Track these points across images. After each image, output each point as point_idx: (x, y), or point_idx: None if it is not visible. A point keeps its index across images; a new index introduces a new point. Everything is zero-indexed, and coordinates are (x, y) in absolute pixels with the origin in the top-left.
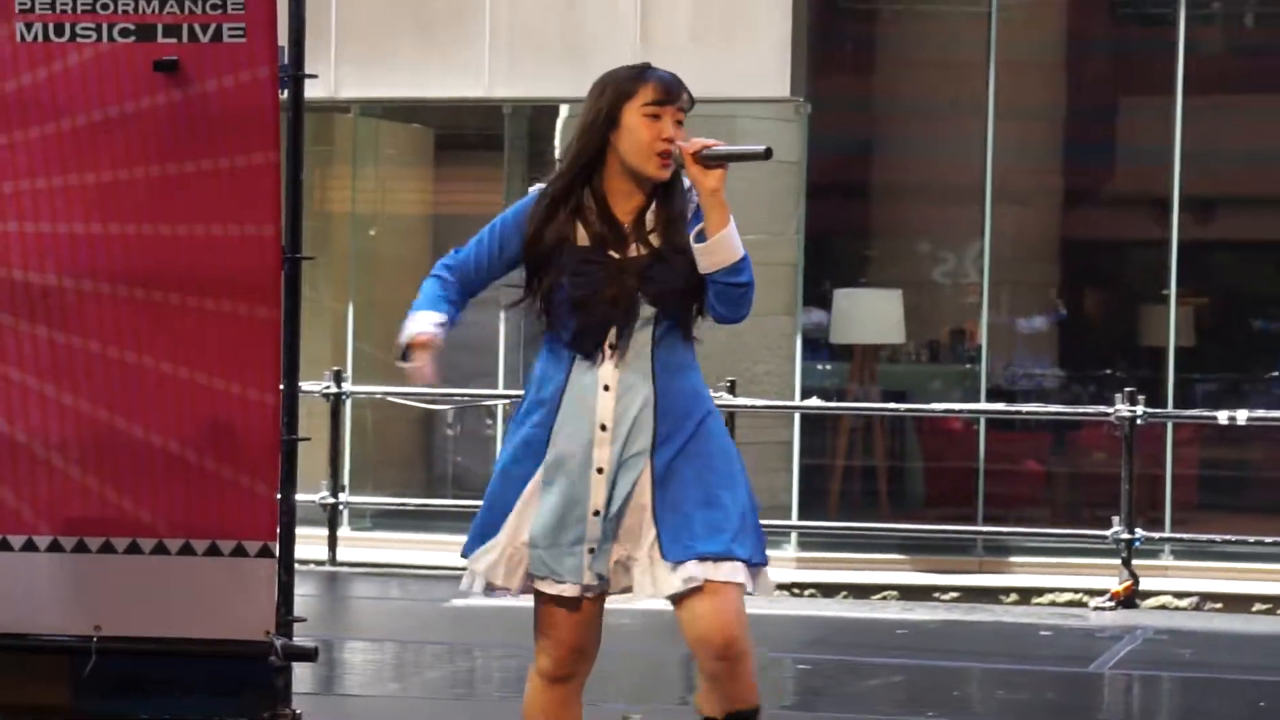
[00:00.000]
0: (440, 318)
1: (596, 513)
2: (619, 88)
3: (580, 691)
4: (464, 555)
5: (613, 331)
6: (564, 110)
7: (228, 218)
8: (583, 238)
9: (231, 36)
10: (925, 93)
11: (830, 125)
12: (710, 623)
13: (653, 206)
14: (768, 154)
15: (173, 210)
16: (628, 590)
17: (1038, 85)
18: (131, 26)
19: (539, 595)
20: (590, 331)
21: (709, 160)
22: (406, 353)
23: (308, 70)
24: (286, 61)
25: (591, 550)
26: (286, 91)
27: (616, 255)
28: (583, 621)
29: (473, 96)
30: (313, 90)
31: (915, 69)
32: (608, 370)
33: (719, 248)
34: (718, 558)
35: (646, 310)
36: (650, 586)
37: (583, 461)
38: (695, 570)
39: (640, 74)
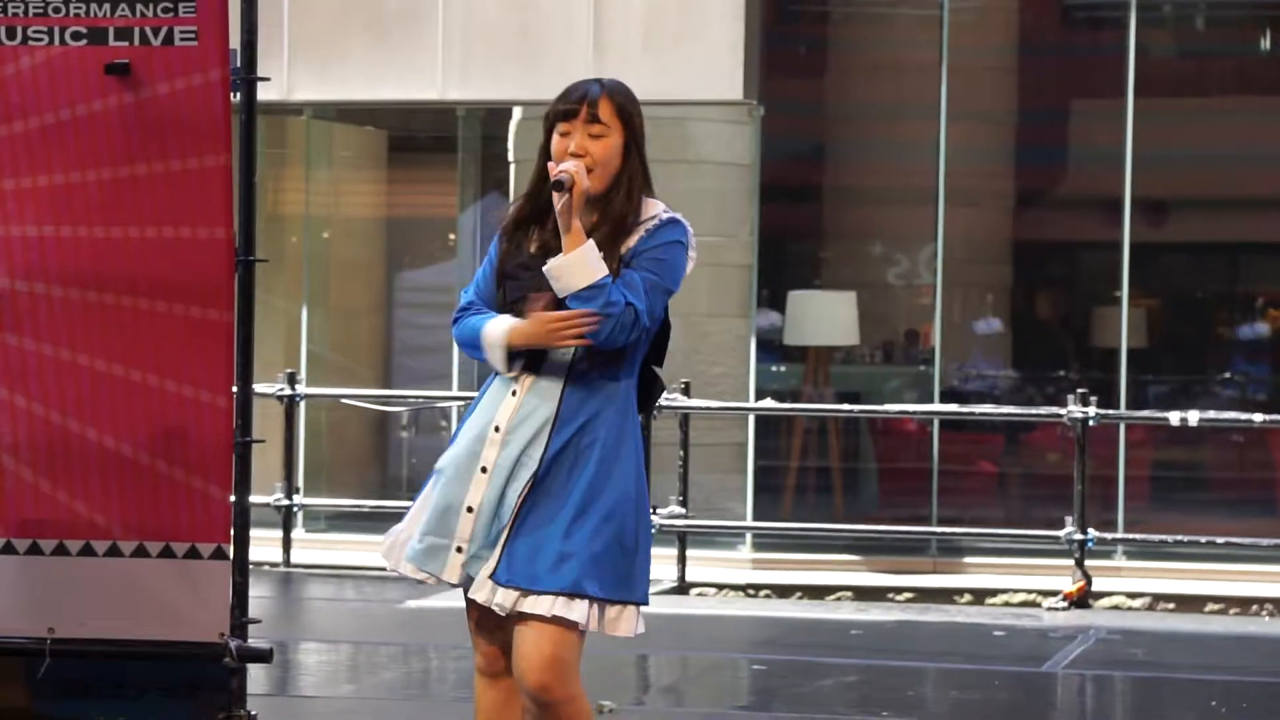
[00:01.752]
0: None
1: (470, 509)
2: (550, 109)
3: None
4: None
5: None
6: (517, 112)
7: (179, 220)
8: (531, 248)
9: (183, 40)
10: (877, 95)
11: (783, 128)
12: (522, 662)
13: (599, 224)
14: (556, 185)
15: (124, 213)
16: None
17: (989, 88)
18: (83, 30)
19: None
20: None
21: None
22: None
23: (260, 73)
24: (239, 64)
25: (460, 549)
26: (239, 94)
27: (542, 261)
28: (506, 621)
29: (426, 99)
30: (265, 93)
31: (867, 72)
32: (522, 377)
33: (560, 273)
34: (534, 591)
35: None
36: (483, 593)
37: (470, 459)
38: (503, 598)
39: (562, 93)
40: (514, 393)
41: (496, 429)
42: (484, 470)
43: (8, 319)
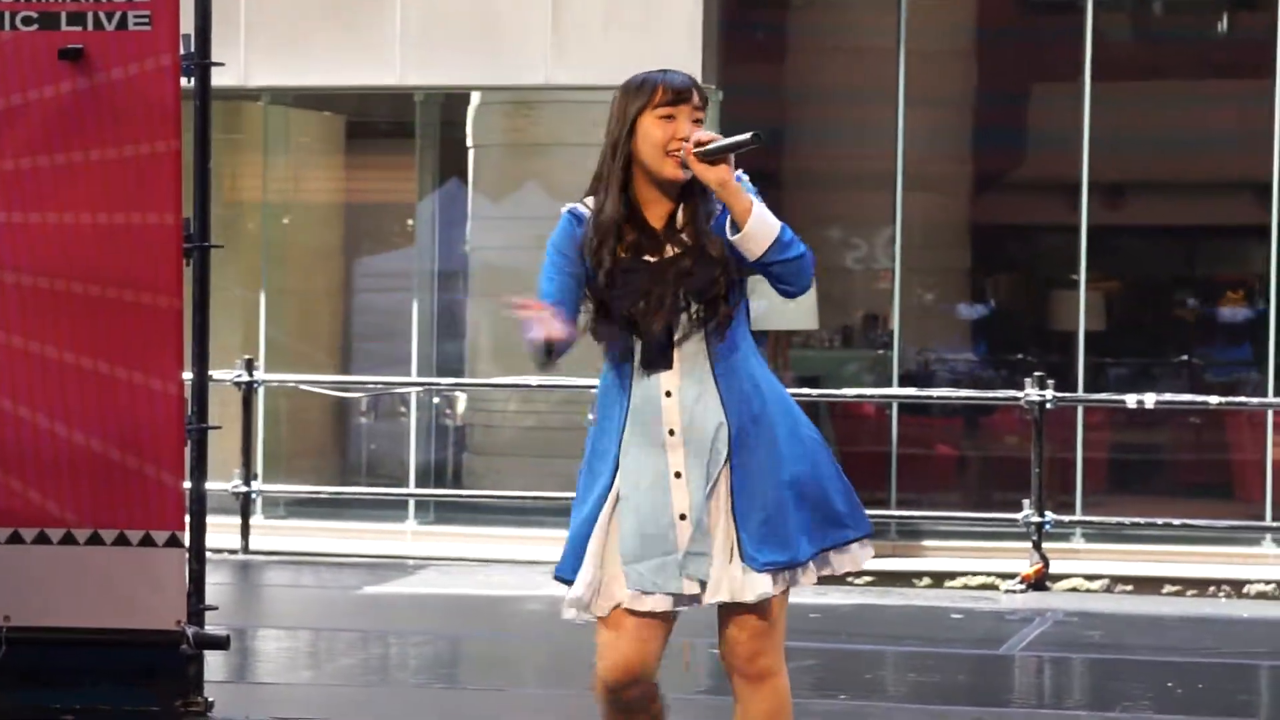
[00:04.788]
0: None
1: (683, 516)
2: (632, 97)
3: (652, 694)
4: (557, 578)
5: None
6: (475, 98)
7: (129, 206)
8: (621, 250)
9: (136, 24)
10: (836, 80)
11: (741, 112)
12: (754, 642)
13: (681, 207)
14: (757, 139)
15: (74, 199)
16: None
17: (948, 72)
18: (35, 14)
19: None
20: (652, 342)
21: (707, 156)
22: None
23: (216, 58)
24: (192, 49)
25: (685, 557)
26: (193, 79)
27: (653, 259)
28: (651, 637)
29: (384, 84)
30: (222, 78)
31: (826, 56)
32: (668, 376)
33: (754, 233)
34: (797, 563)
35: (693, 308)
36: (727, 591)
37: (656, 470)
38: (762, 585)
39: (650, 79)
40: (668, 393)
41: (671, 432)
42: (678, 475)
43: None
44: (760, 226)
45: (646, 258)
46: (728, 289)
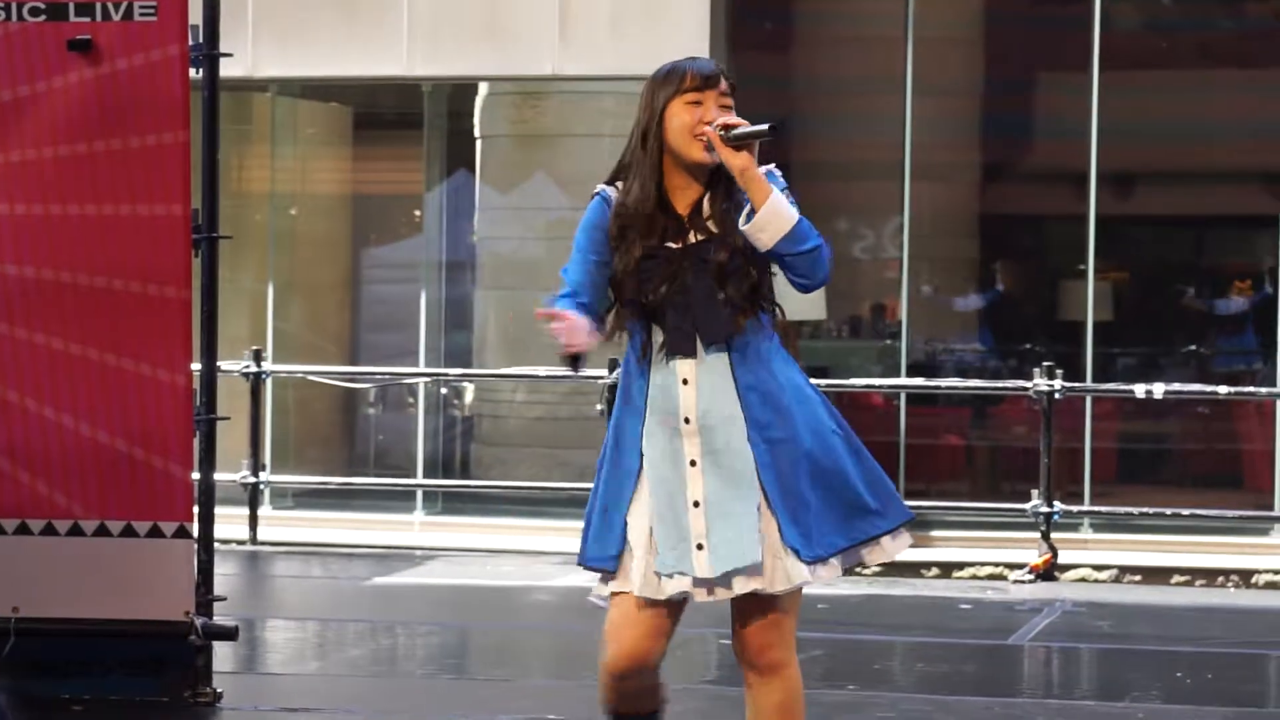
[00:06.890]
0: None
1: (696, 504)
2: (660, 86)
3: (654, 682)
4: (589, 566)
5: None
6: (483, 89)
7: (137, 197)
8: (650, 238)
9: (143, 15)
10: (843, 70)
11: (749, 103)
12: (766, 637)
13: (708, 195)
14: (775, 130)
15: (81, 190)
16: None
17: (955, 61)
18: (42, 5)
19: (617, 596)
20: (677, 328)
21: (731, 140)
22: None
23: (223, 49)
24: (200, 40)
25: (701, 545)
26: (200, 70)
27: (675, 246)
28: (659, 626)
29: (392, 75)
30: (229, 69)
31: (833, 46)
32: (686, 365)
33: (767, 222)
34: (815, 560)
35: (720, 296)
36: (784, 580)
37: (674, 458)
38: (803, 574)
39: (678, 67)
40: (685, 381)
41: (687, 420)
42: (693, 464)
43: None
44: (773, 217)
45: (669, 244)
46: (759, 278)
